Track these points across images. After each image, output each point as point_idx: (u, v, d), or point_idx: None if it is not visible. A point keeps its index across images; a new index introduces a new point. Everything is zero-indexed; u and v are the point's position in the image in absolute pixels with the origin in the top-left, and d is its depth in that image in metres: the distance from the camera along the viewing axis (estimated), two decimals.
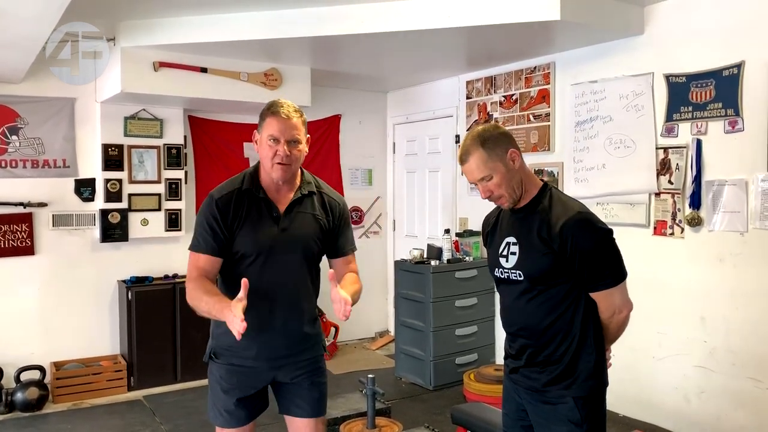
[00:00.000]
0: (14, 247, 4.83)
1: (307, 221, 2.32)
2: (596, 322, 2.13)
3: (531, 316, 2.13)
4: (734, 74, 3.68)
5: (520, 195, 2.13)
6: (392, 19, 4.09)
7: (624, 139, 4.28)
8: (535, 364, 2.14)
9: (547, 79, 4.86)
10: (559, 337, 2.09)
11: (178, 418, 4.40)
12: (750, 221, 3.63)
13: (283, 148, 2.20)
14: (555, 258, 2.04)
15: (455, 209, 5.85)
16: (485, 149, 2.07)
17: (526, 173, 2.16)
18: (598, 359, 2.12)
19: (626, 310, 2.12)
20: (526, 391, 2.19)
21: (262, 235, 2.24)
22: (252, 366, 2.29)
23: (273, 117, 2.22)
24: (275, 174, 2.24)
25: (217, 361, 2.32)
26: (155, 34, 4.44)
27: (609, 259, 2.06)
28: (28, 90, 4.83)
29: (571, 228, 2.02)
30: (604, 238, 2.06)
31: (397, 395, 4.85)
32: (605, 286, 2.06)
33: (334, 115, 6.40)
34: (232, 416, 2.31)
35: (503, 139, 2.11)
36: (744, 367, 3.69)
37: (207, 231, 2.23)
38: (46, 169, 4.95)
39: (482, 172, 2.09)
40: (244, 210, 2.25)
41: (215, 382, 2.34)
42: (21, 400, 4.50)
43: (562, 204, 2.11)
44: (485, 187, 2.11)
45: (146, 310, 4.94)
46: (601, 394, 2.15)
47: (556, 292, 2.08)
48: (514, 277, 2.15)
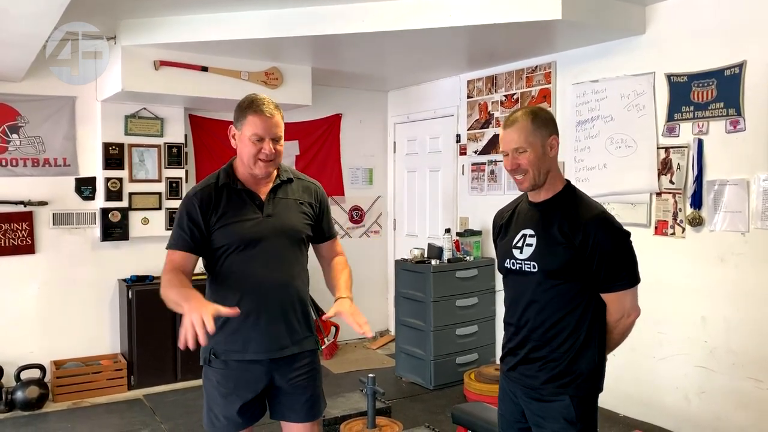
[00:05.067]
0: (14, 245, 4.83)
1: (290, 206, 2.34)
2: (603, 325, 2.13)
3: (538, 311, 2.12)
4: (736, 74, 3.67)
5: (543, 183, 2.13)
6: (393, 19, 4.08)
7: (625, 138, 4.27)
8: (534, 360, 2.14)
9: (548, 78, 4.86)
10: (564, 334, 2.09)
11: (178, 417, 4.41)
12: (751, 221, 3.63)
13: (268, 146, 2.21)
14: (574, 254, 2.05)
15: (456, 208, 5.84)
16: (533, 123, 2.10)
17: (556, 167, 2.18)
18: (600, 363, 2.12)
19: (634, 315, 2.13)
20: (522, 389, 2.18)
21: (247, 224, 2.24)
22: (252, 360, 2.25)
23: (256, 115, 2.21)
24: (258, 170, 2.24)
25: (215, 363, 2.27)
26: (156, 33, 4.44)
27: (627, 260, 2.08)
28: (28, 88, 4.82)
29: (594, 226, 2.05)
30: (624, 240, 2.09)
31: (398, 395, 4.85)
32: (620, 288, 2.07)
33: (334, 115, 6.40)
34: (230, 422, 2.27)
35: (551, 123, 2.15)
36: (744, 367, 3.68)
37: (183, 230, 2.24)
38: (46, 167, 4.95)
39: (520, 142, 2.10)
40: (222, 203, 2.25)
41: (212, 388, 2.30)
42: (21, 398, 4.50)
43: (586, 202, 2.14)
44: (515, 159, 2.11)
45: (146, 309, 4.94)
46: (596, 397, 2.15)
47: (568, 288, 2.08)
48: (527, 268, 2.14)
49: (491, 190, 5.42)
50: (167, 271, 2.21)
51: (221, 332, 2.20)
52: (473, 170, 5.60)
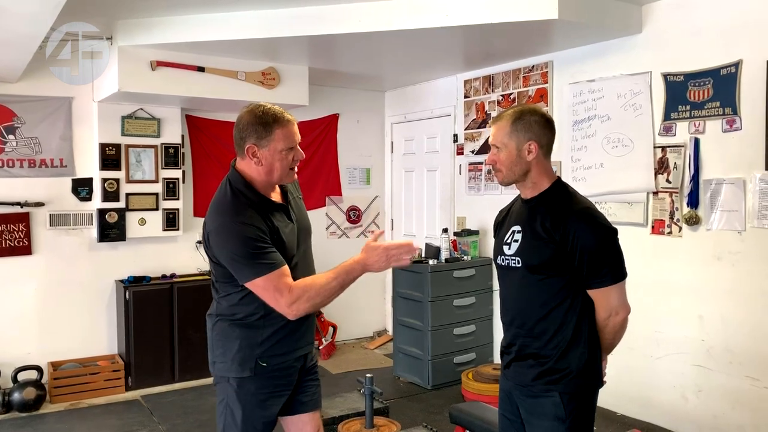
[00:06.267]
0: (11, 246, 4.82)
1: (299, 206, 2.39)
2: (592, 322, 2.13)
3: (525, 305, 2.15)
4: (732, 73, 3.68)
5: (517, 182, 2.18)
6: (390, 18, 4.09)
7: (622, 138, 4.28)
8: (525, 357, 2.15)
9: (545, 78, 4.86)
10: (551, 331, 2.09)
11: (176, 417, 4.40)
12: (748, 220, 3.64)
13: (299, 152, 2.24)
14: (555, 249, 2.05)
15: (453, 208, 5.85)
16: (512, 125, 2.15)
17: (541, 168, 2.16)
18: (590, 359, 2.11)
19: (623, 313, 2.11)
20: (516, 386, 2.19)
21: (289, 234, 2.24)
22: (293, 365, 2.30)
23: (284, 128, 2.18)
24: (289, 179, 2.27)
25: (261, 369, 2.23)
26: (152, 33, 4.43)
27: (609, 257, 2.06)
28: (24, 89, 4.81)
29: (575, 221, 2.05)
30: (606, 236, 2.07)
31: (396, 394, 4.85)
32: (602, 284, 2.06)
33: (331, 115, 6.40)
34: (267, 427, 2.29)
35: (535, 128, 2.13)
36: (742, 366, 3.69)
37: (265, 247, 2.10)
38: (43, 168, 4.94)
39: (496, 141, 2.18)
40: (265, 219, 2.17)
41: (250, 396, 2.23)
42: (18, 400, 4.49)
43: (570, 199, 2.14)
44: (491, 155, 2.21)
45: (144, 309, 4.93)
46: (591, 393, 2.14)
47: (551, 284, 2.08)
48: (513, 264, 2.17)
49: (488, 189, 5.42)
50: (297, 287, 2.09)
51: (268, 341, 2.22)
52: (470, 170, 5.61)
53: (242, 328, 2.22)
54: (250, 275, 2.09)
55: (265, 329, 2.20)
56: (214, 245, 2.16)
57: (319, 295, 2.10)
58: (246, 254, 2.08)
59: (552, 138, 2.19)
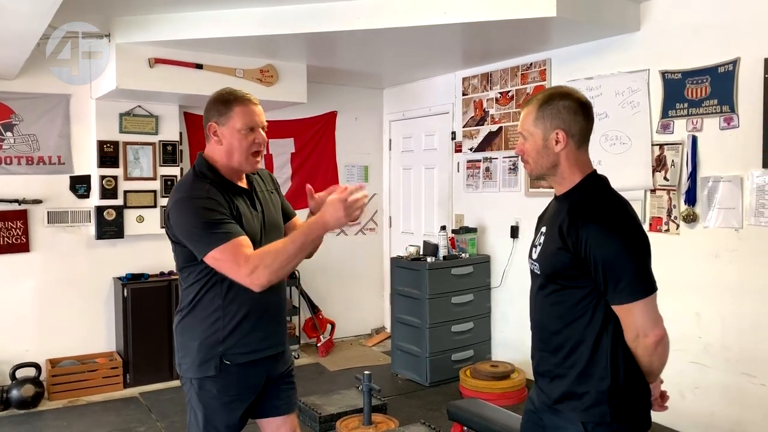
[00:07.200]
0: (9, 244, 4.81)
1: (267, 198, 2.33)
2: (621, 342, 1.82)
3: (542, 317, 1.93)
4: (730, 71, 3.69)
5: (543, 174, 1.92)
6: (388, 16, 4.08)
7: (619, 135, 4.29)
8: (543, 373, 1.94)
9: (543, 75, 4.86)
10: (567, 347, 1.84)
11: (174, 414, 4.40)
12: (745, 217, 3.65)
13: (261, 134, 2.19)
14: (571, 257, 1.78)
15: (451, 206, 5.85)
16: (538, 111, 1.86)
17: (572, 160, 1.87)
18: (614, 385, 1.79)
19: (653, 336, 1.79)
20: (542, 405, 1.95)
21: (251, 221, 2.18)
22: (255, 360, 2.22)
23: (244, 106, 2.17)
24: (249, 166, 2.19)
25: (225, 368, 2.18)
26: (150, 30, 4.43)
27: (626, 269, 1.75)
28: (22, 86, 4.81)
29: (588, 227, 1.75)
30: (624, 244, 1.76)
31: (394, 392, 4.86)
32: (620, 301, 1.76)
33: (329, 112, 6.39)
34: (231, 430, 2.23)
35: (564, 115, 1.84)
36: (738, 363, 3.70)
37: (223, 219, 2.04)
38: (40, 165, 4.93)
39: (523, 128, 1.91)
40: (228, 200, 2.12)
41: (211, 399, 2.19)
42: (16, 397, 4.50)
43: (593, 197, 1.84)
44: (519, 144, 1.95)
45: (142, 307, 4.94)
46: (626, 426, 1.83)
47: (569, 295, 1.83)
48: (535, 270, 1.95)
49: (486, 187, 5.43)
50: (254, 256, 1.98)
51: (231, 337, 2.17)
52: (468, 167, 5.61)
53: (203, 323, 2.16)
54: (206, 247, 2.01)
55: (225, 325, 2.13)
56: (174, 222, 2.11)
57: (277, 260, 1.98)
58: (201, 225, 2.02)
59: (586, 126, 1.88)
